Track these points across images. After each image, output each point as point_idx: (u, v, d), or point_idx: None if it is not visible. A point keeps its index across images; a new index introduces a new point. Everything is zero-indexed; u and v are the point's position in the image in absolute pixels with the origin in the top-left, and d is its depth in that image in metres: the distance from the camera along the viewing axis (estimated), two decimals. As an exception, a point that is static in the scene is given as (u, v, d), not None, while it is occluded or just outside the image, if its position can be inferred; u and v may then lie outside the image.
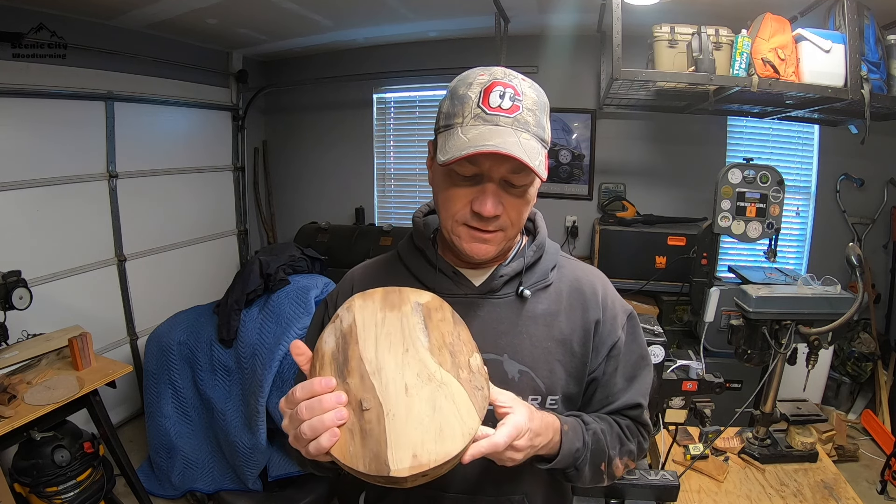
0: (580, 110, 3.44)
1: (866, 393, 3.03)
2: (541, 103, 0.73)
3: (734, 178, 2.34)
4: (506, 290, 0.82)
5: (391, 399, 0.60)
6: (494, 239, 0.76)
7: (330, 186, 4.16)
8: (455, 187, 0.73)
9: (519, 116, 0.70)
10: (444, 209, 0.76)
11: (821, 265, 3.05)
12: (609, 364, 0.84)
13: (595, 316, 0.83)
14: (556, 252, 0.88)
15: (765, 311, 1.56)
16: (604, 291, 0.86)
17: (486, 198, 0.71)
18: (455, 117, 0.71)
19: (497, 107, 0.69)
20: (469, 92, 0.71)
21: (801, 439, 1.64)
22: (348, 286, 0.88)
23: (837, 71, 2.03)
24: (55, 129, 2.65)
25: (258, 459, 2.27)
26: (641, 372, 0.87)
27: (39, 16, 2.45)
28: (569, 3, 2.73)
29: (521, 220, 0.77)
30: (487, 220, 0.73)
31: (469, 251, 0.76)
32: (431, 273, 0.83)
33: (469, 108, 0.70)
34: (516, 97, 0.70)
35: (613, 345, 0.84)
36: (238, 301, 2.35)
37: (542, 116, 0.73)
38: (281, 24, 3.14)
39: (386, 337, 0.64)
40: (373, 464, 0.56)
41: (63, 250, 2.72)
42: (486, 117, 0.69)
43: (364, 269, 0.92)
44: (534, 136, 0.70)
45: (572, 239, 3.56)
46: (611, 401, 0.85)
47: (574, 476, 0.77)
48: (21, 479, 1.85)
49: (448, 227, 0.76)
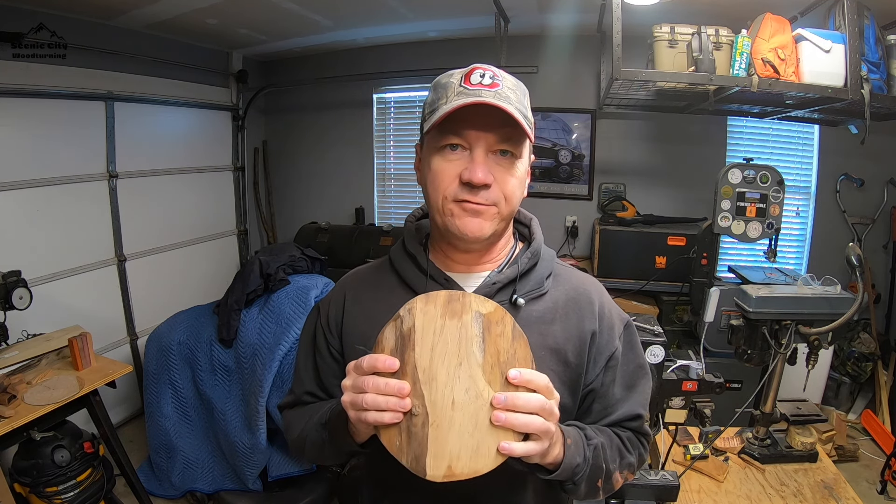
0: (580, 110, 3.45)
1: (866, 393, 3.03)
2: (521, 89, 0.75)
3: (734, 178, 2.34)
4: (499, 297, 0.80)
5: (437, 410, 0.63)
6: (488, 213, 0.74)
7: (330, 186, 4.16)
8: (444, 162, 0.73)
9: (500, 91, 0.71)
10: (433, 189, 0.75)
11: (821, 265, 3.05)
12: (607, 375, 0.83)
13: (591, 327, 0.82)
14: (552, 259, 0.87)
15: (765, 311, 1.56)
16: (600, 301, 0.85)
17: (475, 166, 0.71)
18: (439, 101, 0.73)
19: (478, 83, 0.71)
20: (451, 79, 0.74)
21: (801, 439, 1.64)
22: (341, 294, 0.87)
23: (837, 71, 2.02)
24: (55, 129, 2.65)
25: (258, 459, 2.27)
26: (640, 381, 0.86)
27: (39, 16, 2.45)
28: (569, 3, 2.73)
29: (514, 196, 0.76)
30: (478, 189, 0.72)
31: (462, 228, 0.74)
32: (422, 279, 0.81)
33: (452, 89, 0.72)
34: (496, 77, 0.72)
35: (611, 355, 0.83)
36: (238, 301, 2.35)
37: (523, 99, 0.75)
38: (281, 24, 3.14)
39: (442, 346, 0.65)
40: (413, 463, 0.63)
41: (63, 250, 2.72)
42: (469, 91, 0.71)
43: (356, 276, 0.91)
44: (517, 111, 0.71)
45: (572, 239, 3.56)
46: (610, 412, 0.84)
47: (570, 489, 0.76)
48: (21, 479, 1.85)
49: (439, 207, 0.75)
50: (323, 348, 0.86)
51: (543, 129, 3.50)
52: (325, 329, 0.86)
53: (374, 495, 0.90)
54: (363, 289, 0.87)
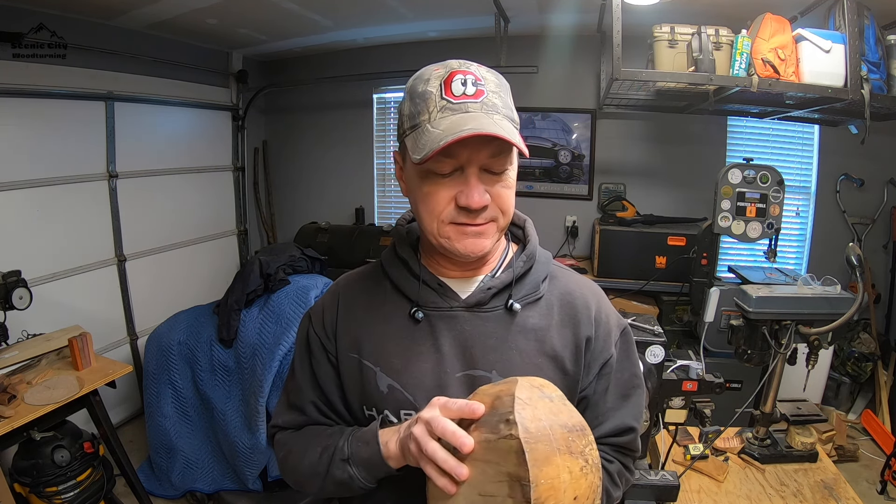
0: (580, 110, 3.44)
1: (866, 393, 3.03)
2: (503, 86, 0.72)
3: (734, 178, 2.34)
4: (494, 302, 0.77)
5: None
6: (487, 231, 0.72)
7: (330, 186, 4.16)
8: (435, 187, 0.69)
9: (486, 100, 0.68)
10: (426, 213, 0.71)
11: (821, 265, 3.05)
12: (600, 383, 0.81)
13: (587, 332, 0.79)
14: (549, 262, 0.84)
15: (765, 311, 1.55)
16: (597, 306, 0.82)
17: (471, 190, 0.68)
18: (420, 115, 0.68)
19: (462, 94, 0.67)
20: (429, 87, 0.68)
21: (801, 439, 1.64)
22: (334, 300, 0.84)
23: (837, 71, 2.02)
24: (55, 129, 2.65)
25: (258, 459, 2.27)
26: (634, 392, 0.84)
27: (39, 16, 2.45)
28: (569, 3, 2.73)
29: (510, 206, 0.73)
30: (476, 212, 0.69)
31: (463, 250, 0.71)
32: (415, 285, 0.78)
33: (433, 103, 0.67)
34: (478, 82, 0.68)
35: (605, 362, 0.80)
36: (238, 301, 2.35)
37: (507, 98, 0.72)
38: (281, 24, 3.14)
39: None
40: None
41: (63, 250, 2.72)
42: (454, 106, 0.67)
43: (347, 281, 0.88)
44: (505, 117, 0.68)
45: (572, 239, 3.56)
46: (601, 420, 0.80)
47: None
48: (21, 479, 1.85)
49: (434, 231, 0.72)
50: (319, 354, 0.82)
51: (543, 129, 3.49)
52: (319, 336, 0.83)
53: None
54: (356, 295, 0.84)
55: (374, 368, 0.77)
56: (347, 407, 0.82)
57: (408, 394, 0.76)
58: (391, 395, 0.76)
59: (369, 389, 0.77)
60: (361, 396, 0.79)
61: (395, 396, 0.76)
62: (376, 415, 0.78)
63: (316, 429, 0.83)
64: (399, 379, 0.76)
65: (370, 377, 0.77)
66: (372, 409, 0.78)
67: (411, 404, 0.75)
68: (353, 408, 0.81)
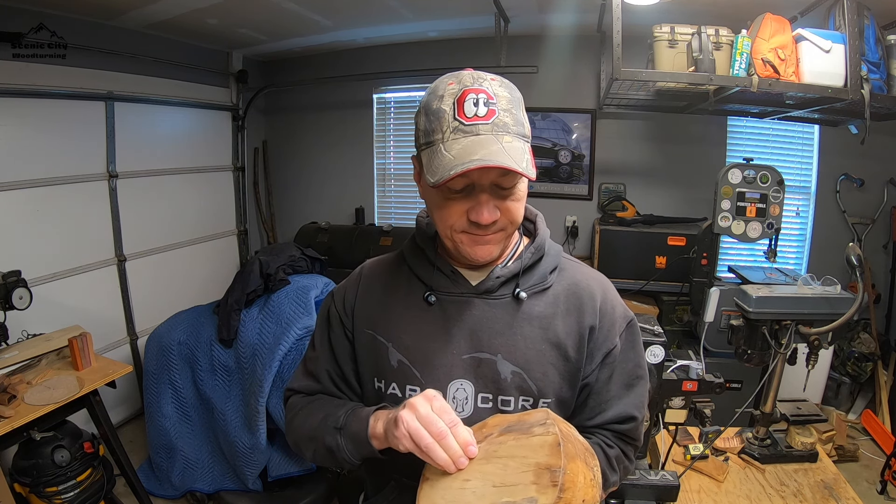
0: (580, 110, 3.45)
1: (866, 393, 3.03)
2: (515, 100, 0.74)
3: (734, 178, 2.34)
4: (502, 290, 0.82)
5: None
6: (495, 239, 0.78)
7: (330, 186, 4.16)
8: (448, 201, 0.75)
9: (496, 120, 0.70)
10: (441, 222, 0.78)
11: (821, 265, 3.05)
12: (603, 371, 0.83)
13: (590, 322, 0.82)
14: (558, 254, 0.88)
15: (765, 311, 1.55)
16: (603, 297, 0.85)
17: (481, 208, 0.73)
18: (434, 133, 0.72)
19: (473, 115, 0.70)
20: (442, 105, 0.71)
21: (801, 439, 1.64)
22: (357, 278, 0.92)
23: (837, 71, 2.03)
24: (55, 129, 2.65)
25: (258, 459, 2.27)
26: (637, 382, 0.86)
27: (39, 16, 2.45)
28: (569, 3, 2.73)
29: (519, 217, 0.78)
30: (486, 226, 0.75)
31: (473, 255, 0.78)
32: (430, 271, 0.85)
33: (446, 123, 0.71)
34: (490, 101, 0.70)
35: (609, 352, 0.83)
36: (238, 301, 2.35)
37: (519, 112, 0.74)
38: (281, 24, 3.14)
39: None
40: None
41: (63, 250, 2.72)
42: (466, 129, 0.70)
43: (372, 264, 0.95)
44: (515, 136, 0.71)
45: (572, 239, 3.56)
46: (604, 408, 0.84)
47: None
48: (21, 479, 1.85)
49: (448, 235, 0.78)
50: (337, 328, 0.89)
51: (543, 129, 3.50)
52: (339, 311, 0.89)
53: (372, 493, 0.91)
54: (378, 276, 0.91)
55: (386, 344, 0.83)
56: (359, 380, 0.89)
57: (415, 370, 0.81)
58: (400, 369, 0.82)
59: (381, 363, 0.84)
60: (373, 369, 0.85)
61: (404, 371, 0.82)
62: (384, 388, 0.84)
63: (327, 398, 0.89)
64: (409, 355, 0.82)
65: (382, 351, 0.84)
66: (381, 381, 0.84)
67: (417, 380, 0.81)
68: (364, 380, 0.88)
